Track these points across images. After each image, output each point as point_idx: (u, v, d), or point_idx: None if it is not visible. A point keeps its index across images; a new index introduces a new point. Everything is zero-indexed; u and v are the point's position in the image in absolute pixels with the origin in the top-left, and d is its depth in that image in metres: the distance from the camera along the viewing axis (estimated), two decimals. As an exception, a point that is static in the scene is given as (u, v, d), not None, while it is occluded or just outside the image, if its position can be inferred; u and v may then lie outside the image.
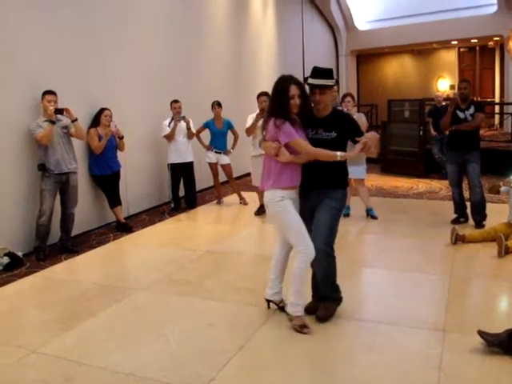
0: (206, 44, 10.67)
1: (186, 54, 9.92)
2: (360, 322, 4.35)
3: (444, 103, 11.02)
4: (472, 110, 6.98)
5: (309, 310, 4.33)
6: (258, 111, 7.76)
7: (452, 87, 18.88)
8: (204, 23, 10.66)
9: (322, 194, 4.18)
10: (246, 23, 12.56)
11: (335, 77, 4.32)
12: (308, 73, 4.29)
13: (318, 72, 4.19)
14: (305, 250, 4.01)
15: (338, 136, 4.16)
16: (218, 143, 9.05)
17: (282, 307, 4.39)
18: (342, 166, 4.25)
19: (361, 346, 3.93)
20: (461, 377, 3.40)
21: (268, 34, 13.79)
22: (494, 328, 3.78)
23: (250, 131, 7.90)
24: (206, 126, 9.08)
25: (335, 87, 4.67)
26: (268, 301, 4.47)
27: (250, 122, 7.99)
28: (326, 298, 4.39)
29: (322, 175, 4.15)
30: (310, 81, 4.18)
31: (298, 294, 4.09)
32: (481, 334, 3.72)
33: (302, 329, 4.05)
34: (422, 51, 19.96)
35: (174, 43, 9.52)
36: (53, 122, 6.20)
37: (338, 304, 4.42)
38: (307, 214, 4.16)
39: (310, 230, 4.08)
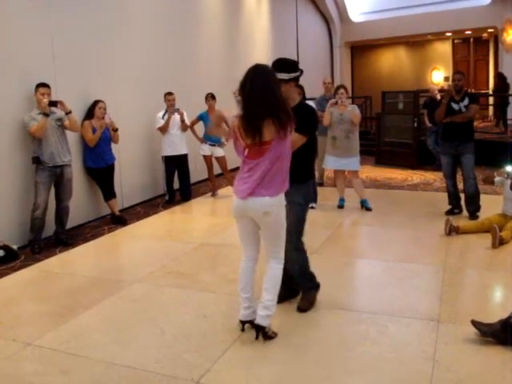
0: (200, 36, 10.64)
1: (180, 46, 9.88)
2: (354, 312, 4.36)
3: (439, 95, 11.04)
4: (466, 101, 6.98)
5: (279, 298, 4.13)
6: None
7: (446, 79, 18.91)
8: (198, 15, 10.63)
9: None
10: (240, 15, 12.53)
11: (297, 70, 4.12)
12: (302, 65, 4.24)
13: (276, 65, 4.09)
14: (283, 253, 3.93)
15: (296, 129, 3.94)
16: (212, 136, 9.04)
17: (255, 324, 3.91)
18: (301, 161, 4.08)
19: (355, 336, 3.94)
20: (455, 366, 3.42)
21: (262, 25, 13.75)
22: (487, 318, 3.80)
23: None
24: (200, 118, 9.06)
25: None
26: (244, 322, 3.98)
27: None
28: (304, 290, 4.45)
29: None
30: None
31: (275, 302, 3.87)
32: (474, 323, 3.74)
33: (275, 334, 3.91)
34: (417, 43, 19.96)
35: (167, 35, 9.49)
36: (46, 115, 6.18)
37: (316, 291, 4.45)
38: None
39: None
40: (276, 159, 3.65)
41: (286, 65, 4.12)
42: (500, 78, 14.97)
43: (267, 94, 3.56)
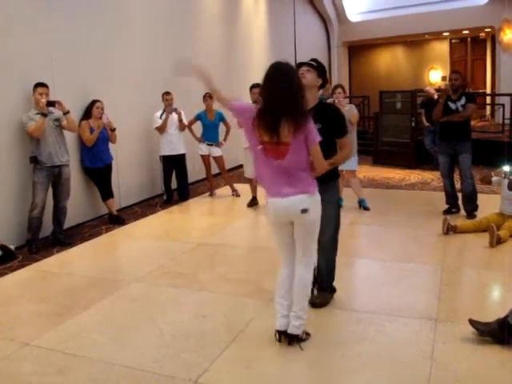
0: (197, 35, 10.63)
1: (178, 46, 9.85)
2: (353, 311, 4.37)
3: (436, 95, 11.03)
4: (463, 100, 6.99)
5: None
6: (250, 103, 7.76)
7: (444, 78, 18.90)
8: (196, 14, 10.62)
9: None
10: (238, 14, 12.53)
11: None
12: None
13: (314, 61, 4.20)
14: (315, 257, 3.89)
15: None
16: (210, 135, 9.04)
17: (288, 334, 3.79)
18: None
19: (353, 335, 3.95)
20: (453, 365, 3.42)
21: (260, 25, 13.75)
22: (485, 317, 3.80)
23: (240, 123, 7.90)
24: (198, 117, 9.07)
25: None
26: (282, 332, 3.79)
27: None
28: (324, 288, 4.50)
29: None
30: None
31: (306, 309, 3.80)
32: (472, 322, 3.74)
33: (308, 335, 3.87)
34: (414, 42, 19.95)
35: (166, 36, 9.48)
36: (44, 115, 6.17)
37: (332, 295, 4.54)
38: None
39: None
40: (299, 163, 3.55)
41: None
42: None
43: (288, 92, 3.45)
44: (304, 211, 3.57)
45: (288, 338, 3.75)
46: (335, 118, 4.19)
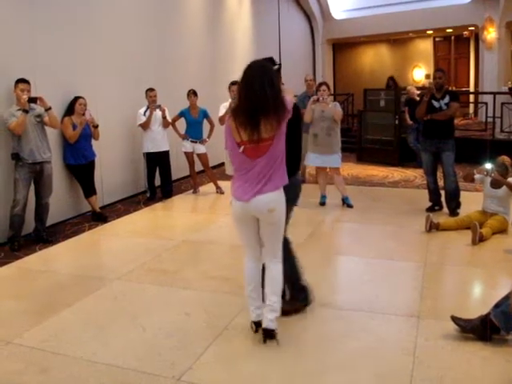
0: (181, 32, 10.58)
1: (162, 42, 9.83)
2: (335, 309, 4.38)
3: (419, 92, 11.10)
4: (447, 99, 7.03)
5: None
6: (230, 100, 7.82)
7: (427, 76, 19.00)
8: (179, 11, 10.57)
9: None
10: (222, 11, 12.48)
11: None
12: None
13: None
14: (281, 252, 3.89)
15: None
16: (194, 132, 9.01)
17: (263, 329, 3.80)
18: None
19: (336, 332, 3.96)
20: (435, 362, 3.45)
21: (244, 22, 13.72)
22: (467, 314, 3.83)
23: (222, 120, 7.92)
24: (182, 114, 9.03)
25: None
26: (258, 323, 3.87)
27: (222, 110, 8.20)
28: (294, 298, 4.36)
29: None
30: None
31: (280, 302, 3.80)
32: (454, 319, 3.77)
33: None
34: (398, 40, 20.05)
35: (149, 31, 9.43)
36: (26, 111, 6.12)
37: (305, 305, 4.32)
38: None
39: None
40: (277, 156, 3.59)
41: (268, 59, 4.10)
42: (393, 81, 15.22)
43: (267, 89, 3.46)
44: (271, 211, 3.62)
45: (264, 334, 3.76)
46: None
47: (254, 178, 3.60)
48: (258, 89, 3.45)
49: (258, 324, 3.85)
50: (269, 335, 3.75)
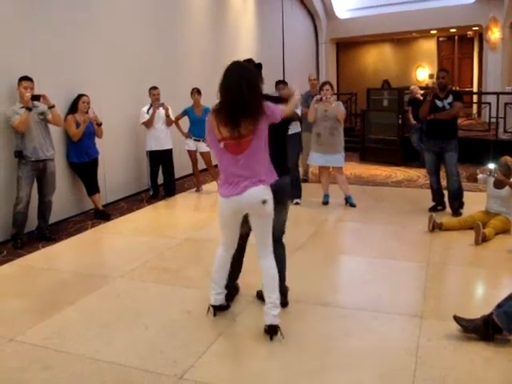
0: (185, 31, 10.58)
1: (165, 40, 9.83)
2: (338, 308, 4.37)
3: (422, 92, 11.07)
4: (450, 99, 7.02)
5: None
6: None
7: (431, 76, 18.98)
8: (183, 10, 10.57)
9: None
10: (226, 9, 12.48)
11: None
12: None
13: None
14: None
15: None
16: (197, 131, 8.99)
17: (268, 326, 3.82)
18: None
19: (339, 332, 3.95)
20: (437, 362, 3.44)
21: (247, 21, 13.71)
22: (470, 314, 3.82)
23: None
24: (185, 113, 9.03)
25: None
26: (217, 307, 4.17)
27: None
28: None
29: None
30: None
31: (279, 298, 3.88)
32: (457, 319, 3.77)
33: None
34: (402, 40, 20.03)
35: (153, 29, 9.43)
36: (29, 109, 6.12)
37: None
38: None
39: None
40: (259, 151, 3.69)
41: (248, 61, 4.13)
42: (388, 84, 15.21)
43: (244, 91, 3.57)
44: (264, 202, 3.71)
45: (268, 331, 3.79)
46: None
47: (241, 174, 3.70)
48: (237, 90, 3.58)
49: (216, 308, 4.15)
50: (274, 331, 3.79)
